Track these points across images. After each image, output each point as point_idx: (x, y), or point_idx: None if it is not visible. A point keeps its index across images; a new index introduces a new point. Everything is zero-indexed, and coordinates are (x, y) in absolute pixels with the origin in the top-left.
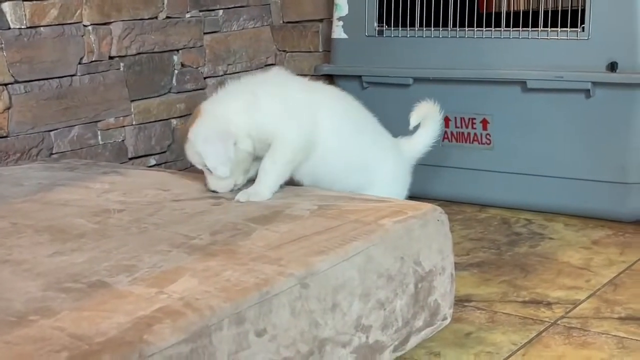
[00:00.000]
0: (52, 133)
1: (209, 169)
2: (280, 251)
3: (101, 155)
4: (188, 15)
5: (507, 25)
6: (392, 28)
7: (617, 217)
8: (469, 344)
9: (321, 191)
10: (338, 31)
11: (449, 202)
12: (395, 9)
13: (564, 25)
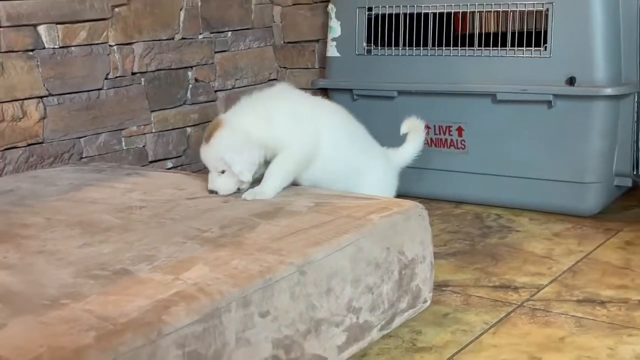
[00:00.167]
0: (82, 140)
1: (228, 173)
2: (281, 243)
3: (125, 159)
4: (201, 36)
5: (480, 45)
6: (379, 47)
7: (576, 213)
8: (447, 324)
9: (317, 190)
10: (332, 50)
11: (429, 200)
12: (381, 31)
13: (529, 44)
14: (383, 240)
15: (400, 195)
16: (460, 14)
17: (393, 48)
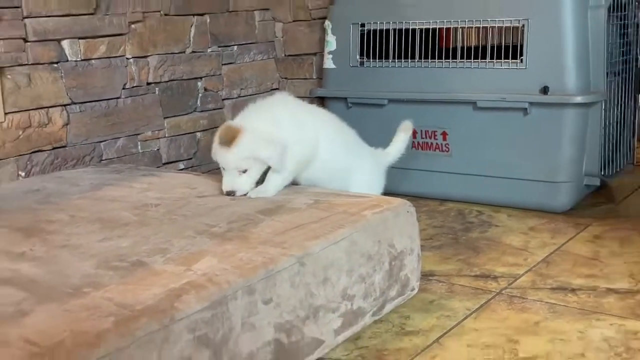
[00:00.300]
0: (102, 144)
1: (250, 172)
2: (282, 237)
3: (141, 161)
4: (209, 50)
5: (462, 57)
6: (371, 60)
7: (549, 209)
8: (432, 309)
9: (315, 189)
10: (328, 62)
11: (416, 198)
12: (373, 45)
13: (507, 57)
14: (375, 234)
15: (390, 193)
16: (444, 30)
17: (383, 60)
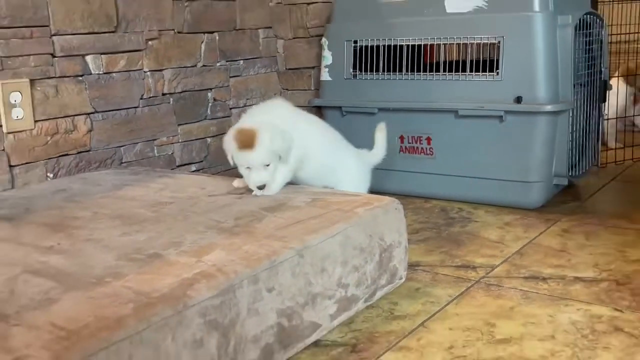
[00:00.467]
0: (122, 148)
1: (273, 164)
2: (284, 231)
3: (156, 164)
4: (218, 64)
5: (444, 71)
6: (363, 73)
7: (523, 206)
8: (418, 296)
9: (313, 189)
10: (325, 75)
11: (404, 196)
12: (365, 60)
13: (485, 70)
14: (366, 229)
15: (380, 192)
16: (428, 46)
17: (374, 73)
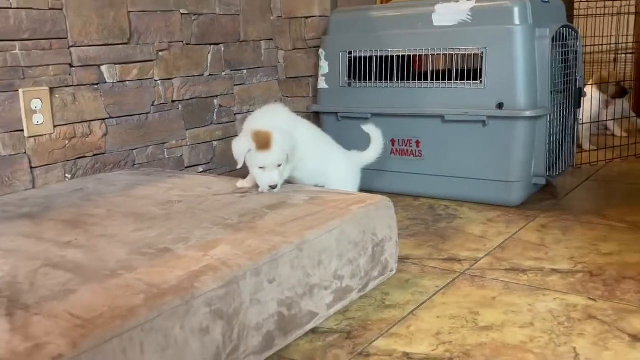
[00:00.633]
0: (135, 151)
1: (284, 164)
2: (284, 227)
3: (166, 165)
4: (224, 73)
5: (432, 79)
6: (357, 81)
7: (504, 204)
8: (408, 287)
9: (310, 188)
10: (322, 83)
11: (395, 195)
12: (359, 69)
13: (469, 79)
14: (360, 225)
15: (373, 191)
16: (417, 56)
17: (367, 82)
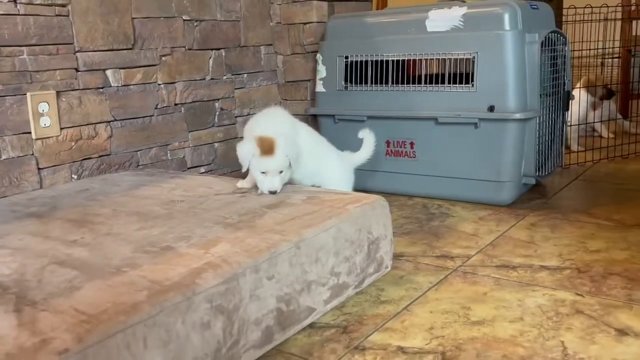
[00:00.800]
0: (139, 152)
1: (285, 170)
2: (283, 226)
3: (169, 166)
4: (224, 77)
5: (426, 82)
6: (353, 85)
7: (495, 203)
8: (402, 283)
9: (308, 188)
10: (319, 87)
11: (390, 194)
12: (355, 73)
13: (461, 82)
14: (356, 223)
15: (368, 191)
16: (411, 61)
17: (363, 85)
